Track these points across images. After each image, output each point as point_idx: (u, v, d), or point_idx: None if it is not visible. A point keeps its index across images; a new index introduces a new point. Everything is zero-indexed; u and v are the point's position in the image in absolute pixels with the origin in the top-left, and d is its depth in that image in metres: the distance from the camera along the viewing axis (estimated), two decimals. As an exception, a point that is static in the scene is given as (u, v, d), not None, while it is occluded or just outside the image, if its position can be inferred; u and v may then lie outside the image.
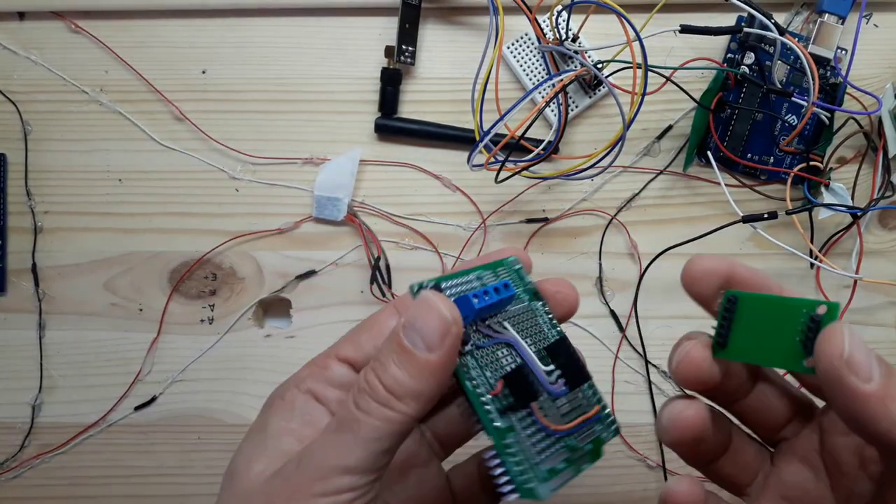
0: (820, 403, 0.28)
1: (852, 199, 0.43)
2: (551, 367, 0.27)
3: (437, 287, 0.25)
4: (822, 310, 0.23)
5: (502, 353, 0.26)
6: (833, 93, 0.43)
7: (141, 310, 0.45)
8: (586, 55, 0.42)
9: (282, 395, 0.27)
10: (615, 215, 0.45)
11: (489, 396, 0.24)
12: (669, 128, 0.45)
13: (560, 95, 0.42)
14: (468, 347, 0.25)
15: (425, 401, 0.23)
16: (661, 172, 0.45)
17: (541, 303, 0.29)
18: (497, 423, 0.24)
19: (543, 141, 0.42)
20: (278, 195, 0.45)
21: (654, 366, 0.45)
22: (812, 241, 0.44)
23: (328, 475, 0.23)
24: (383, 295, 0.44)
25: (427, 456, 0.32)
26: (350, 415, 0.24)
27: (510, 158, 0.41)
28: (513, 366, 0.26)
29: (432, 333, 0.23)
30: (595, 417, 0.27)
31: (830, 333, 0.21)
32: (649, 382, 0.45)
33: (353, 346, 0.28)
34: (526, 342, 0.26)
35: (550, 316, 0.29)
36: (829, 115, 0.42)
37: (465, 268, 0.28)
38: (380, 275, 0.44)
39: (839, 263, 0.45)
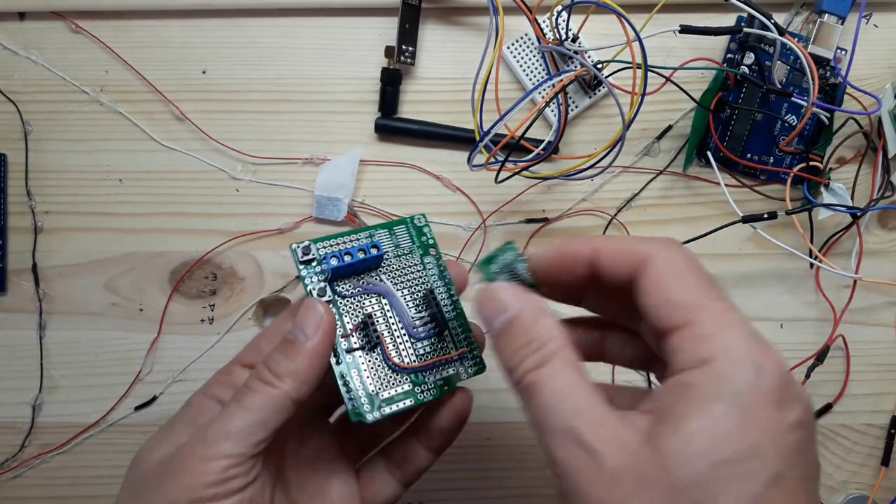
0: None
1: (852, 199, 0.43)
2: (422, 314, 0.32)
3: (306, 248, 0.31)
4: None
5: (370, 301, 0.32)
6: (833, 93, 0.43)
7: (141, 310, 0.45)
8: (586, 55, 0.43)
9: (189, 401, 0.31)
10: (615, 215, 0.45)
11: (340, 339, 0.30)
12: (669, 128, 0.45)
13: (560, 95, 0.42)
14: (327, 297, 0.30)
15: (301, 380, 0.28)
16: (660, 172, 0.45)
17: (432, 258, 0.33)
18: (333, 361, 0.30)
19: (543, 141, 0.42)
20: (278, 195, 0.45)
21: (653, 366, 0.46)
22: (812, 241, 0.44)
23: (213, 442, 0.27)
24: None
25: (339, 453, 0.34)
26: (238, 392, 0.28)
27: (510, 158, 0.41)
28: (368, 312, 0.31)
29: (308, 326, 0.28)
30: (454, 359, 0.32)
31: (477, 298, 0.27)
32: (648, 382, 0.45)
33: (255, 352, 0.32)
34: (403, 292, 0.32)
35: (442, 269, 0.33)
36: (828, 115, 0.42)
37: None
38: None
39: (839, 263, 0.45)
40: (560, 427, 0.22)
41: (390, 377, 0.31)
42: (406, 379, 0.31)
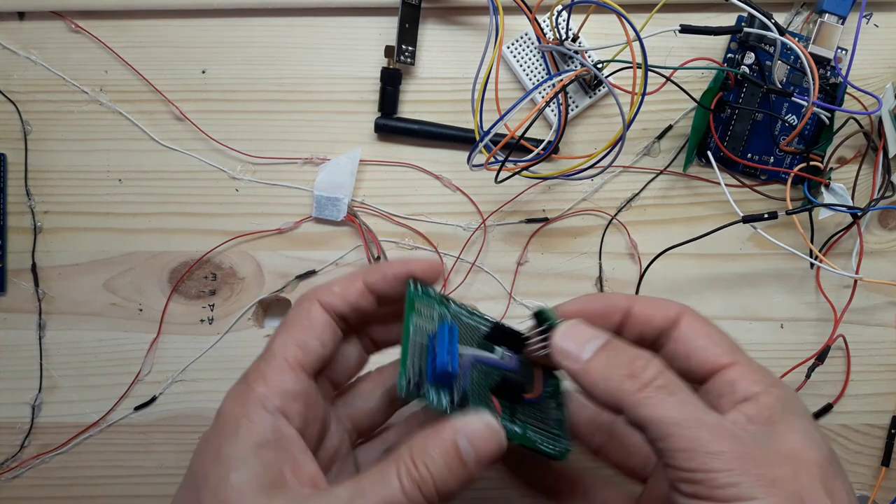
0: None
1: (852, 199, 0.43)
2: (498, 351, 0.31)
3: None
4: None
5: (476, 374, 0.30)
6: (833, 93, 0.43)
7: (141, 310, 0.45)
8: (586, 55, 0.42)
9: (247, 415, 0.27)
10: (615, 215, 0.45)
11: (499, 416, 0.29)
12: (669, 128, 0.45)
13: (560, 95, 0.42)
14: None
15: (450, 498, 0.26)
16: (661, 172, 0.45)
17: (452, 304, 0.32)
18: (518, 430, 0.29)
19: (543, 141, 0.42)
20: (278, 195, 0.45)
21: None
22: (812, 242, 0.44)
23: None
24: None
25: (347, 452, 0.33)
26: (390, 481, 0.25)
27: (510, 158, 0.41)
28: (496, 378, 0.30)
29: (485, 452, 0.26)
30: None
31: (552, 336, 0.28)
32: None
33: (300, 349, 0.29)
34: (470, 347, 0.31)
35: (468, 308, 0.33)
36: (829, 115, 0.42)
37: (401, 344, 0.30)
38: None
39: (839, 263, 0.45)
40: (711, 422, 0.24)
41: (536, 415, 0.31)
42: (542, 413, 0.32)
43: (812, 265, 0.45)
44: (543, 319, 0.30)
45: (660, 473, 0.31)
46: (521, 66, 0.44)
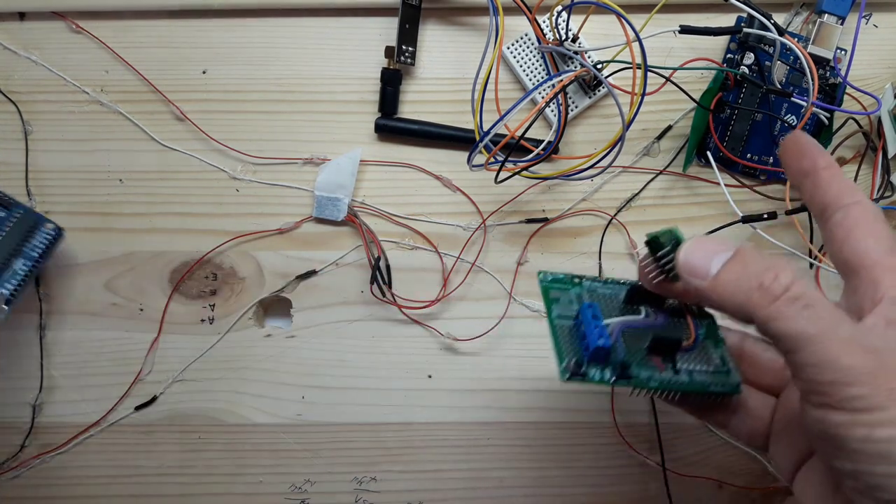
0: None
1: (852, 199, 0.43)
2: (642, 311, 0.32)
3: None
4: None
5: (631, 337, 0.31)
6: (832, 93, 0.43)
7: (142, 310, 0.45)
8: (586, 55, 0.43)
9: None
10: (615, 215, 0.45)
11: (662, 373, 0.30)
12: (669, 128, 0.45)
13: (560, 96, 0.42)
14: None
15: None
16: (660, 172, 0.45)
17: (584, 280, 0.33)
18: (685, 380, 0.30)
19: (543, 141, 0.42)
20: (279, 195, 0.45)
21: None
22: (811, 241, 0.44)
23: None
24: (383, 295, 0.44)
25: None
26: None
27: (510, 158, 0.41)
28: (648, 339, 0.30)
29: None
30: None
31: (677, 254, 0.27)
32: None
33: None
34: (614, 316, 0.31)
35: (601, 280, 0.33)
36: (828, 115, 0.42)
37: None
38: (380, 275, 0.44)
39: (838, 263, 0.45)
40: (845, 336, 0.24)
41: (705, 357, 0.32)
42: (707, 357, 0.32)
43: (811, 265, 0.45)
44: (660, 244, 0.29)
45: (793, 388, 0.31)
46: (521, 66, 0.44)
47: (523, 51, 0.44)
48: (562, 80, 0.40)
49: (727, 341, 0.33)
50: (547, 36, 0.43)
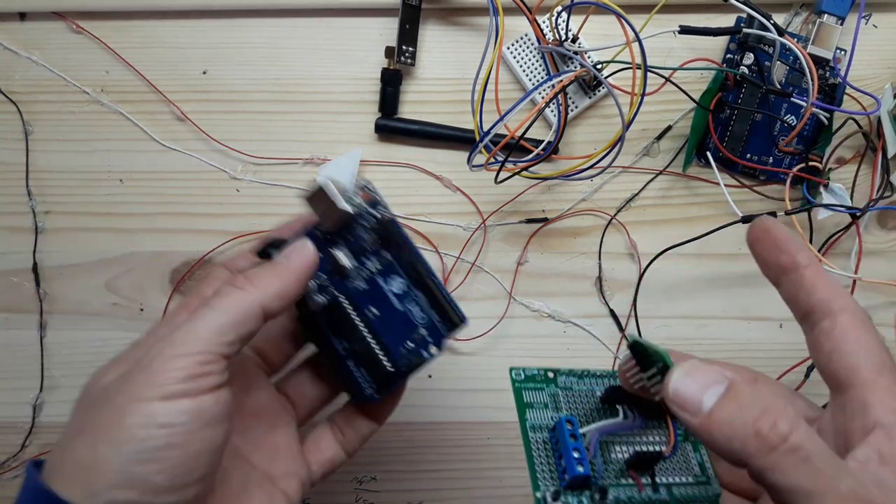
0: None
1: (851, 199, 0.43)
2: (619, 411, 0.30)
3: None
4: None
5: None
6: (832, 93, 0.43)
7: (142, 310, 0.45)
8: (586, 56, 0.43)
9: (133, 342, 0.30)
10: (615, 215, 0.46)
11: (641, 493, 0.29)
12: (669, 128, 0.45)
13: (560, 96, 0.42)
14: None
15: (275, 293, 0.28)
16: (660, 173, 0.45)
17: (559, 375, 0.31)
18: (664, 499, 0.29)
19: (543, 141, 0.42)
20: (279, 195, 0.45)
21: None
22: (811, 242, 0.44)
23: (183, 341, 0.26)
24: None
25: (282, 409, 0.34)
26: (207, 299, 0.28)
27: (510, 159, 0.41)
28: (626, 453, 0.29)
29: (291, 248, 0.30)
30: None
31: (665, 381, 0.25)
32: (649, 382, 0.45)
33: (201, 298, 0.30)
34: (591, 415, 0.30)
35: (573, 374, 0.31)
36: (828, 115, 0.42)
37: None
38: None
39: (838, 264, 0.45)
40: (845, 491, 0.22)
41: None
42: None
43: (811, 265, 0.45)
44: (648, 355, 0.27)
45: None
46: (520, 66, 0.44)
47: (523, 51, 0.44)
48: (562, 81, 0.40)
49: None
50: (547, 36, 0.43)
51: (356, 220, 0.31)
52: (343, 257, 0.32)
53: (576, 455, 0.27)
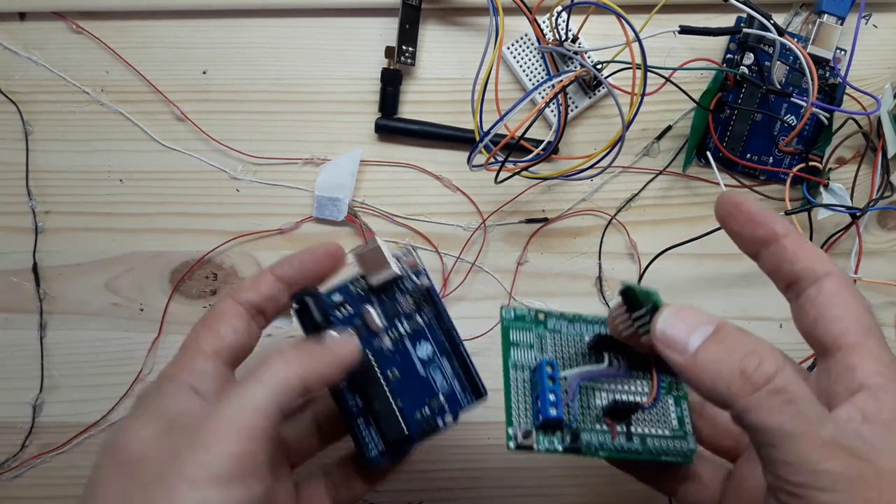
0: None
1: (851, 199, 0.43)
2: (605, 358, 0.31)
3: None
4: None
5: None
6: (832, 93, 0.43)
7: (142, 310, 0.45)
8: (586, 56, 0.43)
9: (158, 389, 0.28)
10: (615, 215, 0.46)
11: (614, 440, 0.29)
12: (669, 128, 0.45)
13: (560, 96, 0.42)
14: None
15: (319, 379, 0.28)
16: (660, 173, 0.45)
17: (550, 318, 0.31)
18: (636, 447, 0.29)
19: (543, 141, 0.42)
20: (279, 195, 0.45)
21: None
22: (811, 241, 0.44)
23: (236, 416, 0.25)
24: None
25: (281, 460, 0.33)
26: (260, 367, 0.27)
27: (510, 159, 0.41)
28: (605, 399, 0.30)
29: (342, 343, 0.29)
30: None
31: (654, 321, 0.26)
32: (649, 382, 0.45)
33: (215, 339, 0.30)
34: (577, 359, 0.31)
35: (569, 316, 0.32)
36: (828, 115, 0.42)
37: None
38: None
39: (838, 263, 0.44)
40: (826, 436, 0.22)
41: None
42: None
43: (811, 265, 0.45)
44: (638, 298, 0.27)
45: (751, 460, 0.30)
46: (520, 66, 0.44)
47: (523, 51, 0.44)
48: (562, 81, 0.40)
49: (691, 394, 0.31)
50: (547, 36, 0.43)
51: (398, 282, 0.32)
52: (375, 316, 0.32)
53: (551, 398, 0.28)
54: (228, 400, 0.26)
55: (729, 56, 0.44)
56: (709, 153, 0.43)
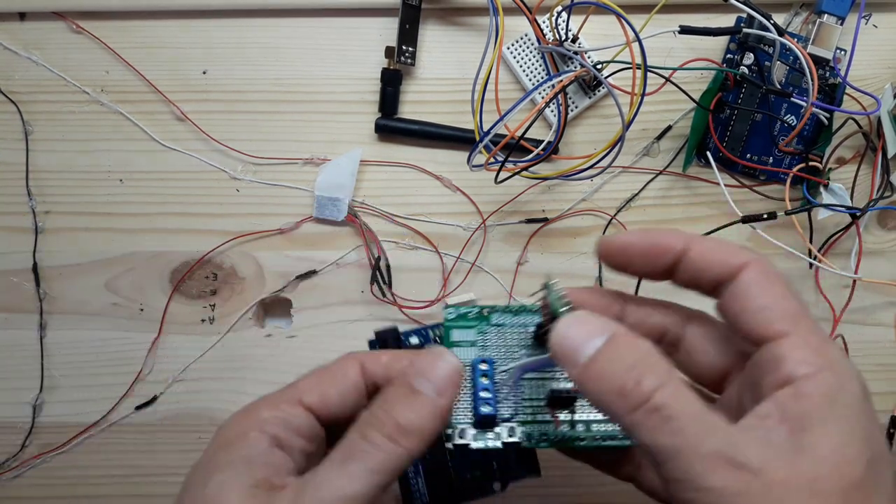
0: None
1: (851, 199, 0.43)
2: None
3: None
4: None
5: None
6: (832, 93, 0.43)
7: (142, 310, 0.45)
8: (586, 56, 0.43)
9: (244, 433, 0.26)
10: (615, 215, 0.46)
11: (557, 429, 0.29)
12: (669, 128, 0.45)
13: (560, 96, 0.42)
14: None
15: (425, 439, 0.25)
16: (660, 173, 0.45)
17: (495, 313, 0.31)
18: (579, 435, 0.29)
19: (543, 141, 0.42)
20: (279, 195, 0.45)
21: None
22: (811, 242, 0.44)
23: (333, 502, 0.23)
24: (383, 295, 0.44)
25: None
26: (357, 445, 0.25)
27: (510, 159, 0.41)
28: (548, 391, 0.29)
29: (439, 378, 0.26)
30: None
31: (553, 327, 0.25)
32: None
33: (319, 395, 0.27)
34: (523, 350, 0.30)
35: (514, 308, 0.32)
36: (828, 115, 0.42)
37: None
38: (380, 275, 0.44)
39: (838, 263, 0.45)
40: (707, 451, 0.21)
41: None
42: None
43: (811, 265, 0.45)
44: (549, 301, 0.27)
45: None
46: (520, 66, 0.44)
47: (523, 51, 0.44)
48: (562, 81, 0.40)
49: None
50: (547, 36, 0.43)
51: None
52: None
53: (483, 395, 0.28)
54: (324, 479, 0.24)
55: (729, 56, 0.44)
56: (709, 153, 0.43)
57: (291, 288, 0.45)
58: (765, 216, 0.42)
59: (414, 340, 0.32)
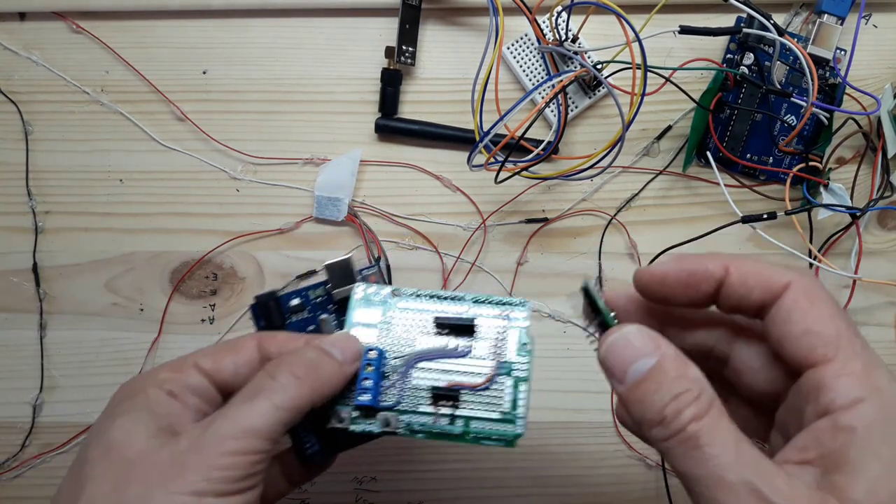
0: None
1: (851, 199, 0.43)
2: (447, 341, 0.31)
3: None
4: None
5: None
6: (832, 93, 0.43)
7: (142, 310, 0.45)
8: (586, 56, 0.43)
9: (143, 388, 0.28)
10: (615, 215, 0.46)
11: (435, 422, 0.29)
12: (669, 128, 0.45)
13: (560, 96, 0.42)
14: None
15: (326, 395, 0.28)
16: (660, 173, 0.45)
17: (402, 297, 0.31)
18: (456, 431, 0.30)
19: (543, 141, 0.42)
20: (279, 195, 0.45)
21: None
22: (811, 242, 0.44)
23: (241, 436, 0.25)
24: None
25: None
26: (265, 384, 0.27)
27: (510, 159, 0.41)
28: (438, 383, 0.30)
29: (349, 351, 0.29)
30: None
31: (601, 339, 0.25)
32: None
33: (214, 361, 0.29)
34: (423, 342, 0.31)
35: (426, 294, 0.32)
36: (828, 115, 0.42)
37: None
38: (380, 275, 0.44)
39: (838, 263, 0.45)
40: (735, 481, 0.21)
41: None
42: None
43: (811, 265, 0.45)
44: (595, 304, 0.27)
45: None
46: (520, 66, 0.44)
47: (523, 51, 0.44)
48: (562, 81, 0.40)
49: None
50: (547, 36, 0.43)
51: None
52: (332, 327, 0.34)
53: (365, 384, 0.29)
54: (237, 410, 0.26)
55: (729, 56, 0.44)
56: (709, 153, 0.43)
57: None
58: (765, 216, 0.42)
59: (295, 301, 0.34)
